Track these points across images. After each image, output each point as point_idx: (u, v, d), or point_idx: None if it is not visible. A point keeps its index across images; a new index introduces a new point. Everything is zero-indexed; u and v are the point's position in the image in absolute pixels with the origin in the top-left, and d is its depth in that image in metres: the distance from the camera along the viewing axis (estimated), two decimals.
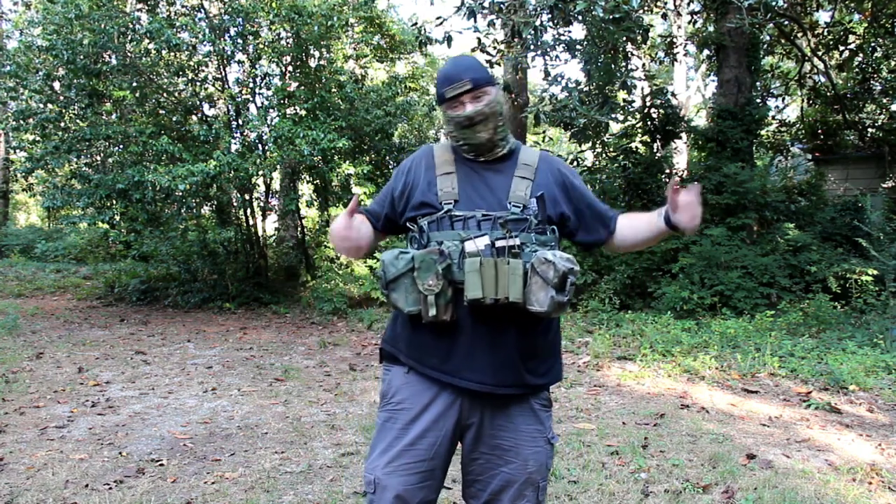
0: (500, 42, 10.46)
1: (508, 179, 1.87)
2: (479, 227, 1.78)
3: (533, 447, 1.86)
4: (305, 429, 4.49)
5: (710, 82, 19.62)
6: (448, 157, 1.93)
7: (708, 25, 12.57)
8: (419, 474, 1.84)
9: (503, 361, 1.80)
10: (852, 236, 9.40)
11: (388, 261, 1.80)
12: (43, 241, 17.99)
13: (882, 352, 6.40)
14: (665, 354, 6.67)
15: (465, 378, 1.80)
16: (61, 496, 3.33)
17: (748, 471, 3.68)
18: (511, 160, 1.92)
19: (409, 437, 1.85)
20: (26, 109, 9.54)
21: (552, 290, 1.68)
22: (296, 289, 11.39)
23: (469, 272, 1.70)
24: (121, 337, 8.06)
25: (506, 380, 1.81)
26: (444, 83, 1.86)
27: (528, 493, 1.86)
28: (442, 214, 1.82)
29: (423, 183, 1.90)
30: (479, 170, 1.90)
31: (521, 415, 1.87)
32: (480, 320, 1.78)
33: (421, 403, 1.86)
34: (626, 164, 10.94)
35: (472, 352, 1.80)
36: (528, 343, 1.83)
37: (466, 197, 1.85)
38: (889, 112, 13.41)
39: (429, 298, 1.73)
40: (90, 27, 9.09)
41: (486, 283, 1.69)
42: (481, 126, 1.83)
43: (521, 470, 1.85)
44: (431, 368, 1.84)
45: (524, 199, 1.83)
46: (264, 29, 10.24)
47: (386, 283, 1.80)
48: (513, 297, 1.69)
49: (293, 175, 11.82)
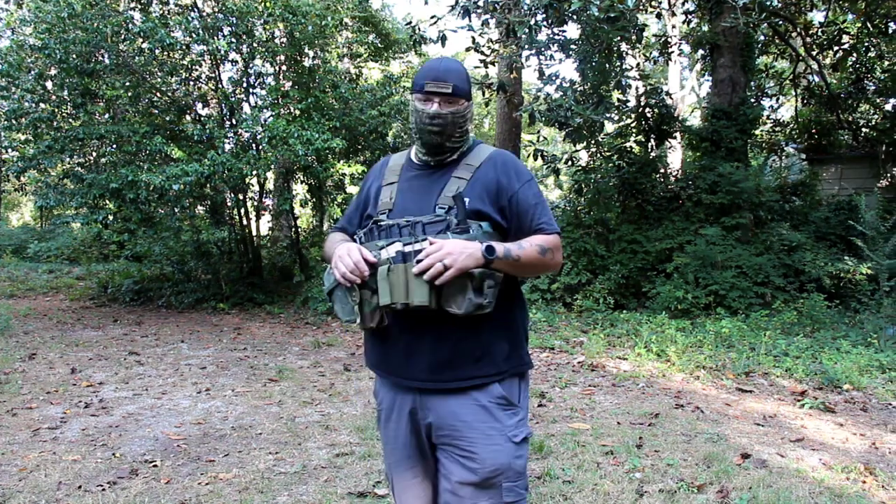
0: (495, 41, 10.46)
1: (445, 181, 1.90)
2: (400, 234, 1.83)
3: (489, 446, 1.83)
4: (300, 429, 4.48)
5: (704, 82, 19.65)
6: (396, 167, 2.01)
7: (702, 25, 12.59)
8: (409, 469, 1.98)
9: (436, 360, 1.84)
10: (846, 236, 9.43)
11: (325, 276, 1.92)
12: (35, 241, 17.92)
13: (876, 351, 6.42)
14: (660, 354, 6.68)
15: (402, 377, 1.91)
16: (54, 497, 3.31)
17: (743, 470, 3.68)
18: (456, 163, 1.94)
19: (390, 436, 2.00)
20: (18, 109, 9.47)
21: (470, 292, 1.71)
22: (290, 289, 11.36)
23: (380, 280, 1.75)
24: (114, 337, 8.02)
25: (442, 377, 1.85)
26: (427, 75, 1.88)
27: (490, 493, 1.83)
28: (371, 225, 1.90)
29: (371, 196, 2.01)
30: (422, 176, 1.96)
31: (471, 413, 1.84)
32: (407, 323, 1.83)
33: (390, 404, 1.99)
34: (621, 163, 10.94)
35: (405, 353, 1.87)
36: (463, 341, 1.83)
37: (401, 205, 1.91)
38: (883, 112, 13.47)
39: (355, 308, 1.83)
40: (83, 26, 9.04)
41: (394, 290, 1.73)
42: (437, 129, 1.87)
43: (479, 470, 1.82)
44: (382, 371, 1.98)
45: (450, 200, 1.85)
46: (258, 28, 10.21)
47: (327, 296, 1.91)
48: (417, 302, 1.72)
49: (287, 175, 11.79)
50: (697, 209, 9.92)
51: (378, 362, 1.98)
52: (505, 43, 10.07)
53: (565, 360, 6.68)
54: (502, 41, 10.19)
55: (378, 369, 2.00)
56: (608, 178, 10.78)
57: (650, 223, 10.23)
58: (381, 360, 1.96)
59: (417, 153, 2.00)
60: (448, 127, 1.88)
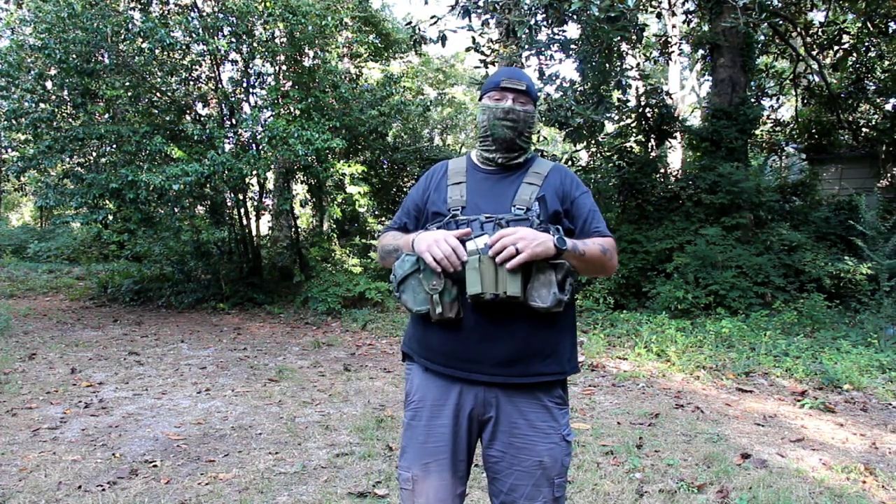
0: (495, 41, 10.46)
1: (517, 186, 1.98)
2: (482, 229, 1.87)
3: (547, 443, 1.90)
4: (299, 429, 4.48)
5: (704, 82, 19.65)
6: (461, 169, 2.07)
7: (702, 25, 12.59)
8: (449, 469, 1.94)
9: (509, 355, 1.86)
10: (846, 236, 9.43)
11: (397, 263, 1.90)
12: (35, 241, 17.90)
13: (876, 351, 6.42)
14: (660, 354, 6.68)
15: (473, 372, 1.89)
16: (54, 497, 3.30)
17: (743, 470, 3.68)
18: (523, 170, 2.03)
19: (432, 433, 1.95)
20: (18, 109, 9.45)
21: (555, 286, 1.76)
22: (290, 289, 11.36)
23: (469, 269, 1.76)
24: (114, 337, 8.02)
25: (512, 372, 1.87)
26: (503, 75, 2.02)
27: (543, 490, 1.90)
28: (448, 219, 1.93)
29: (436, 194, 2.04)
30: (490, 178, 2.02)
31: (534, 411, 1.91)
32: (485, 316, 1.84)
33: (438, 400, 1.95)
34: (621, 163, 10.95)
35: (478, 347, 1.87)
36: (534, 337, 1.87)
37: (473, 203, 1.95)
38: (883, 111, 13.46)
39: (434, 297, 1.82)
40: (83, 26, 9.03)
41: (485, 280, 1.75)
42: (510, 124, 1.98)
43: (536, 466, 1.89)
44: (443, 365, 1.93)
45: (528, 203, 1.92)
46: (258, 28, 10.20)
47: (396, 285, 1.89)
48: (510, 292, 1.74)
49: (287, 175, 11.78)
50: (697, 209, 9.92)
51: (439, 354, 1.93)
52: (505, 43, 10.07)
53: None
54: (502, 41, 10.19)
55: (436, 362, 1.94)
56: (608, 178, 10.78)
57: (650, 223, 10.23)
58: (446, 352, 1.91)
59: (481, 155, 2.06)
60: (520, 124, 1.99)
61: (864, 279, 8.34)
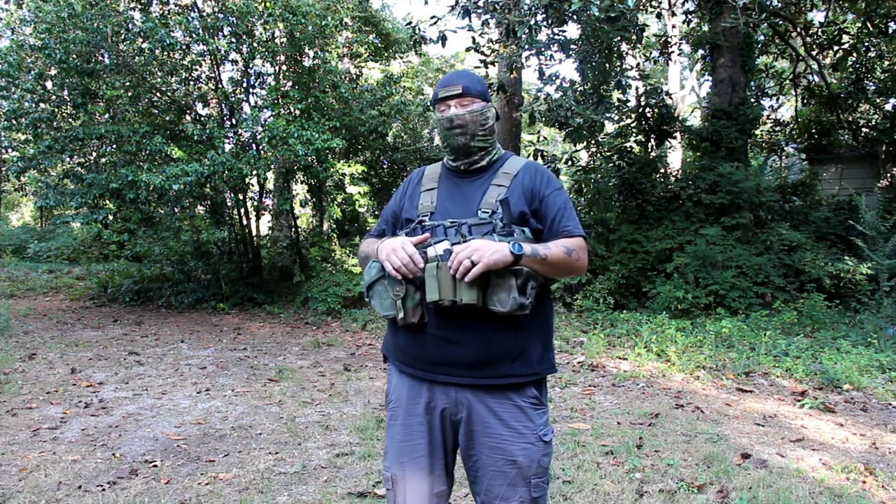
0: (495, 41, 10.46)
1: (485, 188, 1.98)
2: (445, 234, 1.90)
3: (522, 443, 1.90)
4: (299, 429, 4.48)
5: (704, 82, 19.64)
6: (434, 175, 2.09)
7: (702, 25, 12.58)
8: (426, 468, 1.96)
9: (474, 358, 1.87)
10: (846, 236, 9.42)
11: (365, 270, 1.97)
12: (35, 241, 17.89)
13: (876, 351, 6.42)
14: (660, 354, 6.68)
15: (440, 374, 1.92)
16: (54, 497, 3.31)
17: (743, 470, 3.68)
18: (491, 171, 2.03)
19: (407, 432, 1.98)
20: (18, 109, 9.45)
21: (515, 291, 1.76)
22: (290, 289, 11.36)
23: (428, 277, 1.79)
24: (114, 337, 8.02)
25: (480, 374, 1.88)
26: (439, 86, 2.03)
27: (520, 490, 1.90)
28: (415, 225, 1.97)
29: (409, 201, 2.07)
30: (460, 183, 2.03)
31: (507, 411, 1.91)
32: (448, 320, 1.87)
33: (412, 400, 1.98)
34: (621, 163, 10.94)
35: (443, 349, 1.89)
36: (499, 340, 1.88)
37: (443, 208, 1.98)
38: (883, 112, 13.45)
39: (397, 303, 1.86)
40: (83, 26, 9.03)
41: (442, 287, 1.78)
42: (458, 131, 1.97)
43: (511, 465, 1.89)
44: (413, 367, 1.97)
45: (493, 206, 1.92)
46: (258, 28, 10.20)
47: (366, 291, 1.96)
48: (466, 300, 1.77)
49: (287, 175, 11.79)
50: (697, 209, 9.92)
51: (409, 357, 1.98)
52: (505, 43, 10.07)
53: (565, 359, 6.68)
54: (502, 41, 10.19)
55: (407, 364, 1.99)
56: (608, 178, 10.77)
57: (650, 223, 10.23)
58: (415, 354, 1.96)
59: (448, 163, 2.08)
60: (469, 126, 1.97)
61: (864, 279, 8.34)
